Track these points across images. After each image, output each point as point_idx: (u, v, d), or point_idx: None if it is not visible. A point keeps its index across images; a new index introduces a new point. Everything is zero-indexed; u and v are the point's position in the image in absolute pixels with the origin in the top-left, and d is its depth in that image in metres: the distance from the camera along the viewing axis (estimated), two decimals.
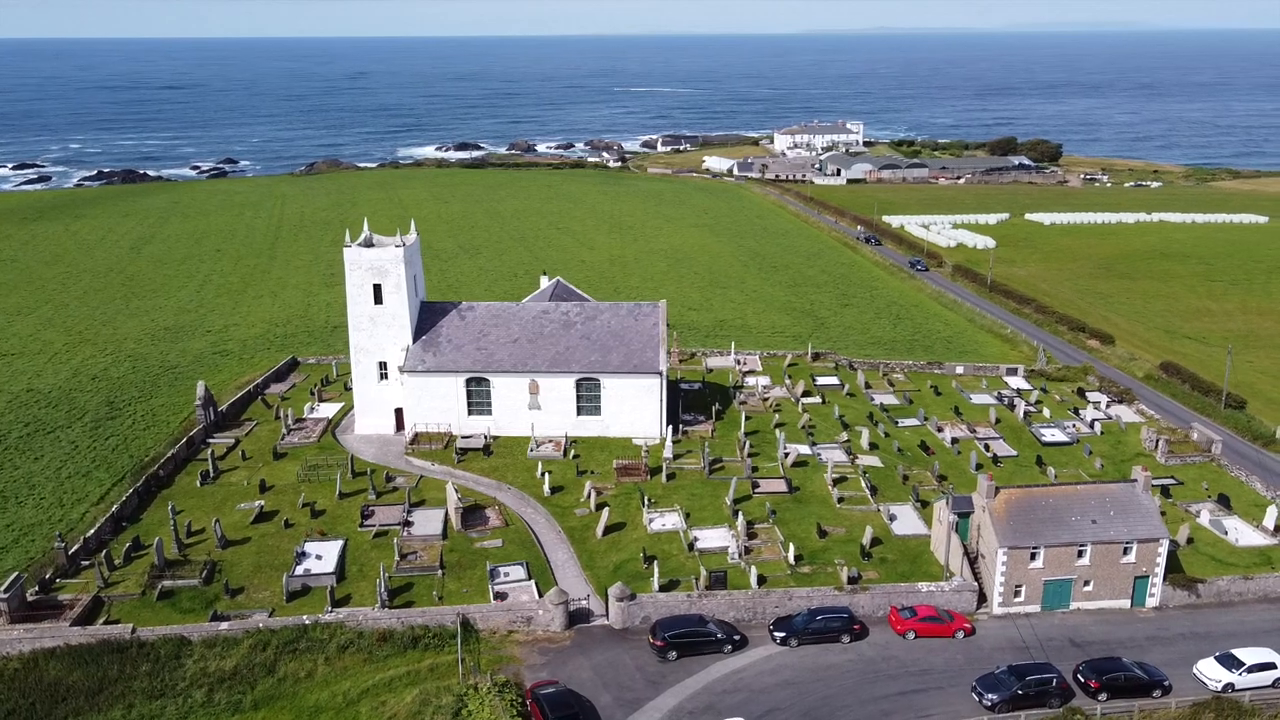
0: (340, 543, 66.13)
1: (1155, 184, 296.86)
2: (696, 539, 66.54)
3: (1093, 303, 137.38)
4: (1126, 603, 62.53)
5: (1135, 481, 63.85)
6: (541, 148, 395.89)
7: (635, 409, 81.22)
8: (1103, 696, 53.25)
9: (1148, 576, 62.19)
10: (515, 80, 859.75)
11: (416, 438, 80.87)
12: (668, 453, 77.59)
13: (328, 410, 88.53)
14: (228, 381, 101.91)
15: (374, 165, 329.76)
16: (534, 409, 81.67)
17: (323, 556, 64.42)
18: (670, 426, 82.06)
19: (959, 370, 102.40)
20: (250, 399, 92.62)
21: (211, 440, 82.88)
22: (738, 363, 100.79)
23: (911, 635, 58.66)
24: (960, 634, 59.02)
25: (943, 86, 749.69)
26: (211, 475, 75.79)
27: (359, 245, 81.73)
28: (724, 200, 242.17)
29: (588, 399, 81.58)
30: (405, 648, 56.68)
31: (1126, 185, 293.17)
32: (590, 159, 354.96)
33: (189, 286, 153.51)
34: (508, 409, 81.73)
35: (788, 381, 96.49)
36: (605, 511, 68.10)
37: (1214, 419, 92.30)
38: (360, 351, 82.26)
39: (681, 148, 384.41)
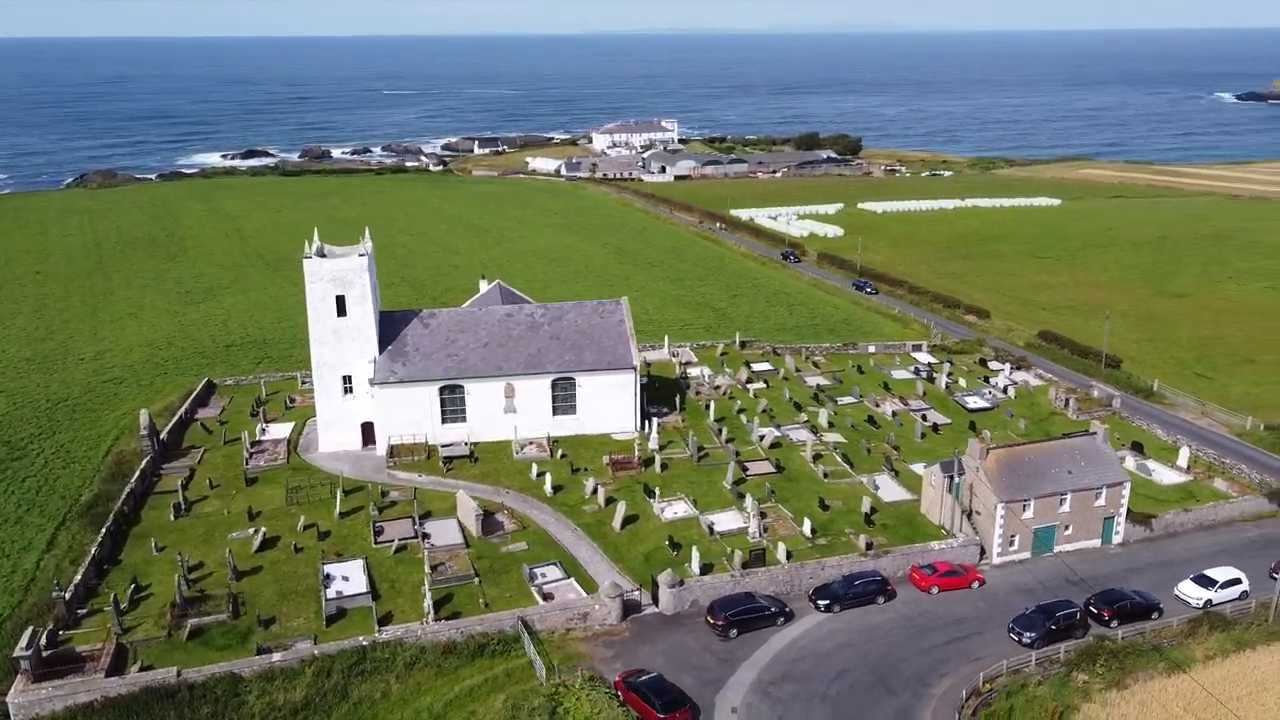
0: (361, 562, 64.13)
1: (947, 173, 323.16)
2: (713, 523, 69.11)
3: (950, 282, 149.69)
4: (1098, 541, 70.41)
5: (1095, 434, 71.99)
6: (337, 153, 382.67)
7: (611, 405, 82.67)
8: (1114, 623, 60.18)
9: (1113, 516, 70.28)
10: (298, 84, 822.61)
11: (394, 450, 78.85)
12: (653, 444, 79.73)
13: (281, 430, 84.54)
14: (139, 409, 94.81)
15: (153, 176, 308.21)
16: (509, 412, 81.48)
17: (349, 577, 62.34)
18: (651, 419, 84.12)
19: (871, 349, 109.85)
20: (183, 425, 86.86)
21: (163, 471, 77.47)
22: (673, 355, 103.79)
23: (935, 590, 63.77)
24: (976, 584, 64.72)
25: (733, 86, 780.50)
26: (184, 507, 71.15)
27: (315, 256, 78.66)
28: (567, 201, 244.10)
29: (563, 398, 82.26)
30: (472, 657, 56.23)
31: (923, 175, 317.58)
32: (409, 163, 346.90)
33: (22, 312, 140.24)
34: (483, 414, 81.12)
35: (727, 370, 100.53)
36: (621, 505, 69.41)
37: (1097, 378, 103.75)
38: (324, 366, 79.20)
39: (499, 149, 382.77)
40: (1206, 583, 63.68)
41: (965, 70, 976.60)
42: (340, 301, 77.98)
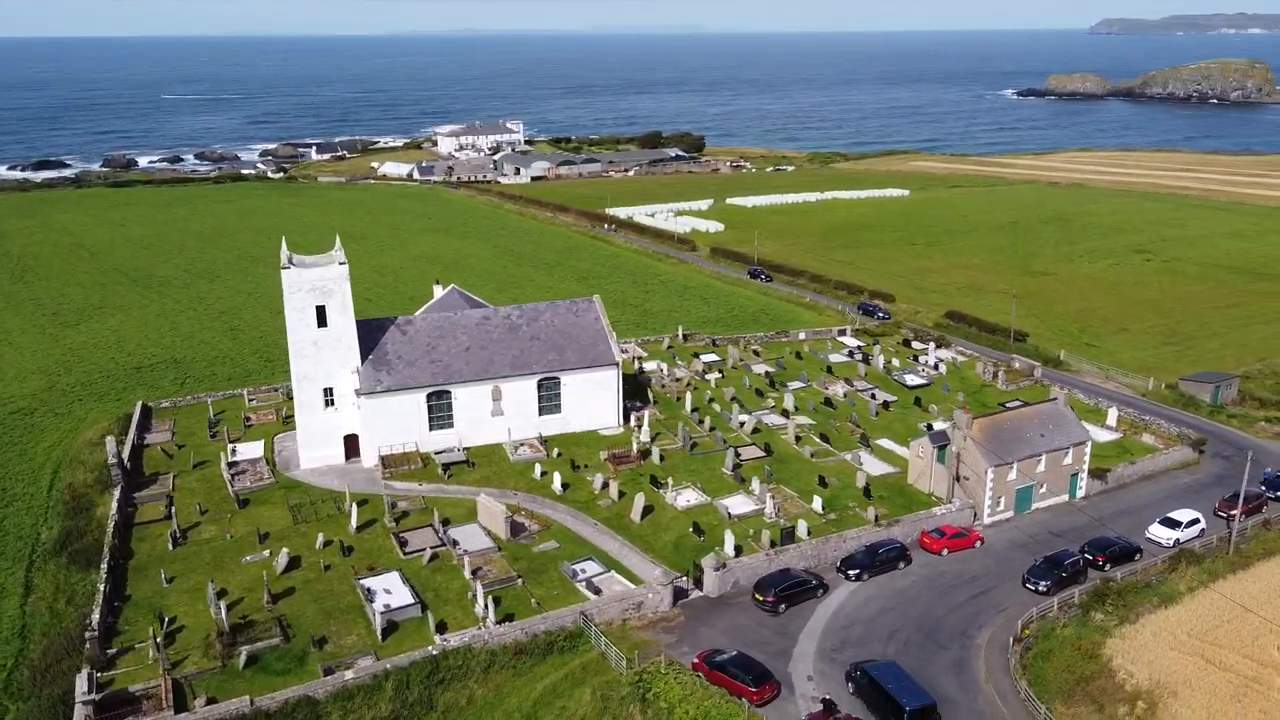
0: (396, 574, 62.85)
1: (790, 168, 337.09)
2: (728, 507, 71.54)
3: (841, 270, 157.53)
4: (1066, 497, 77.28)
5: (1056, 399, 78.90)
6: (144, 162, 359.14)
7: (594, 402, 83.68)
8: (1108, 566, 66.67)
9: (1077, 473, 77.33)
10: (83, 89, 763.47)
11: (387, 461, 77.02)
12: (644, 437, 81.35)
13: (254, 449, 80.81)
14: (70, 440, 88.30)
15: None
16: (497, 415, 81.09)
17: (391, 590, 61.04)
18: (634, 412, 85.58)
19: (802, 336, 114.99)
20: (137, 452, 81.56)
21: (137, 500, 72.78)
22: (622, 351, 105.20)
23: (945, 552, 68.57)
24: (979, 544, 69.97)
25: (568, 87, 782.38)
26: (180, 535, 67.33)
27: (291, 266, 75.84)
28: (434, 205, 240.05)
29: (548, 398, 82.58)
30: (543, 655, 56.51)
31: (768, 170, 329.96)
32: (244, 171, 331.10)
33: None
34: (470, 419, 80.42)
35: (681, 363, 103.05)
36: (640, 497, 70.72)
37: (1008, 352, 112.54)
38: (304, 380, 76.46)
39: (340, 154, 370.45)
40: (1172, 524, 71.35)
41: (790, 70, 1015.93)
42: (321, 312, 75.56)
